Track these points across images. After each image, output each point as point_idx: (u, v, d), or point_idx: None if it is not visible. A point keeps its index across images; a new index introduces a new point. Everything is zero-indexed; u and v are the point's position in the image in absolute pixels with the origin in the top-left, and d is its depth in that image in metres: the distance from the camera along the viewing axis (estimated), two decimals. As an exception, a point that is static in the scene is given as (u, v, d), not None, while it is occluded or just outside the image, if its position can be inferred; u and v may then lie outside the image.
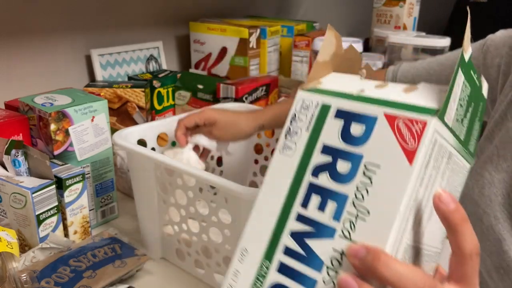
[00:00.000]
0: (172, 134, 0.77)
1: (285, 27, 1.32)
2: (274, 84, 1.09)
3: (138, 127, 0.75)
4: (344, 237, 0.27)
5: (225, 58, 1.22)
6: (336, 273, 0.27)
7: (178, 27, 1.31)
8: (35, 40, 0.97)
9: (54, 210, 0.66)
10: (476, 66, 0.59)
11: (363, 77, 0.33)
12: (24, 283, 0.56)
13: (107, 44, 1.10)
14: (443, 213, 0.26)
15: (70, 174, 0.67)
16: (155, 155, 0.62)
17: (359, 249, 0.26)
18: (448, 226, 0.27)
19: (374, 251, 0.25)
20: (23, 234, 0.66)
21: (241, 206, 0.54)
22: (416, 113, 0.27)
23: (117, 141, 0.66)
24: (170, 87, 1.08)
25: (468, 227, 0.27)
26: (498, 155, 0.53)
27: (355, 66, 0.39)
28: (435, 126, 0.27)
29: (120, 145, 0.66)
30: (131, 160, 0.69)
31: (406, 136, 0.27)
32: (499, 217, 0.51)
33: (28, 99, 0.75)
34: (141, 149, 0.64)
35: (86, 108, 0.74)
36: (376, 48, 1.56)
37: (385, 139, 0.28)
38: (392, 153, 0.27)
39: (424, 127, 0.27)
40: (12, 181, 0.64)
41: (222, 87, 0.99)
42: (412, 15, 1.61)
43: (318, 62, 0.34)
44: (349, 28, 2.23)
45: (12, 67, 0.94)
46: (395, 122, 0.28)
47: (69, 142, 0.73)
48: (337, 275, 0.27)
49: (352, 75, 0.34)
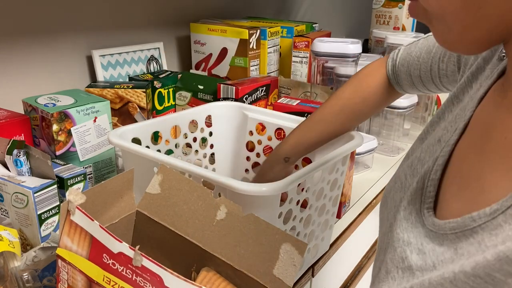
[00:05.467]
0: (166, 133, 0.78)
1: (285, 28, 1.33)
2: (274, 85, 1.10)
3: (133, 125, 0.74)
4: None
5: (225, 59, 1.22)
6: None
7: (178, 28, 1.31)
8: (36, 41, 0.97)
9: (56, 210, 0.66)
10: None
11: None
12: (25, 282, 0.57)
13: (108, 45, 1.11)
14: None
15: (71, 174, 0.67)
16: (150, 153, 0.62)
17: None
18: None
19: None
20: (25, 233, 0.66)
21: (236, 201, 0.55)
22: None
23: (112, 140, 0.66)
24: (171, 87, 1.08)
25: None
26: (419, 158, 0.48)
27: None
28: None
29: (114, 143, 0.66)
30: (126, 159, 0.69)
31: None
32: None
33: (31, 99, 0.75)
34: (136, 147, 0.64)
35: (89, 108, 0.74)
36: (375, 49, 1.57)
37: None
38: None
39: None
40: (14, 180, 0.64)
41: (222, 88, 0.99)
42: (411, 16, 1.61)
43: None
44: (348, 29, 2.24)
45: (13, 68, 0.95)
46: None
47: (71, 143, 0.73)
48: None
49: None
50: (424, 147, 0.49)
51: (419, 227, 0.41)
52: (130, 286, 0.37)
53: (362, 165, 1.07)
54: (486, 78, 0.43)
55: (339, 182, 0.72)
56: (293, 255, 0.41)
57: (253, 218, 0.43)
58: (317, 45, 1.09)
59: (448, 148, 0.42)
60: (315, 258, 0.77)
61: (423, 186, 0.43)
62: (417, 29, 1.65)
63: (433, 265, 0.37)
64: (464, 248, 0.34)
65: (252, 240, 0.43)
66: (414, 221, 0.42)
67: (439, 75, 0.61)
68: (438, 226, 0.38)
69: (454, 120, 0.45)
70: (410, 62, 0.66)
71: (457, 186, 0.40)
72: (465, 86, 0.47)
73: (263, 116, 0.85)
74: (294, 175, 0.56)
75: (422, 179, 0.44)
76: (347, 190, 0.86)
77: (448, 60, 0.58)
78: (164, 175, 0.47)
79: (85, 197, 0.40)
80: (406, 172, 0.49)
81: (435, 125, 0.50)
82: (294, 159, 0.75)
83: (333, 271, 0.93)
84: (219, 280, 0.43)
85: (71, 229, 0.39)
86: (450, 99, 0.49)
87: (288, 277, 0.41)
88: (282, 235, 0.42)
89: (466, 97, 0.46)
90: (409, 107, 1.15)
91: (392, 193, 0.50)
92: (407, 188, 0.46)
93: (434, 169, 0.43)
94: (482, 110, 0.41)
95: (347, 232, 0.93)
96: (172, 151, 0.81)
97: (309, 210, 0.66)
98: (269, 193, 0.53)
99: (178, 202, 0.46)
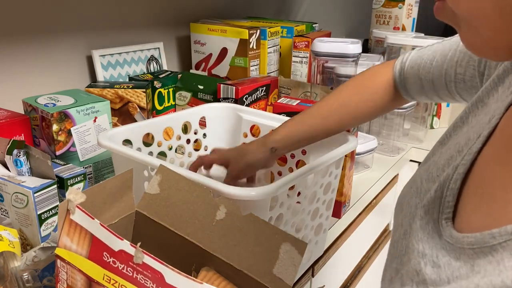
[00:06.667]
0: (158, 135, 0.78)
1: (285, 28, 1.33)
2: (274, 85, 1.10)
3: (124, 127, 0.73)
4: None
5: (225, 59, 1.22)
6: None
7: (178, 28, 1.31)
8: (36, 41, 0.97)
9: (56, 210, 0.66)
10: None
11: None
12: (25, 282, 0.57)
13: (108, 45, 1.11)
14: None
15: (71, 174, 0.67)
16: (138, 156, 0.61)
17: None
18: None
19: None
20: (25, 233, 0.66)
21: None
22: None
23: (101, 142, 0.65)
24: (171, 87, 1.09)
25: None
26: (436, 163, 0.47)
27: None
28: None
29: (104, 145, 0.65)
30: (116, 161, 0.68)
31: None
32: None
33: (31, 99, 0.75)
34: (124, 150, 0.63)
35: (89, 108, 0.74)
36: (375, 49, 1.57)
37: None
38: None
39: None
40: (14, 180, 0.64)
41: (222, 88, 0.99)
42: (411, 16, 1.62)
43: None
44: (348, 29, 2.24)
45: (13, 68, 0.95)
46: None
47: (71, 143, 0.73)
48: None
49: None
50: (443, 151, 0.46)
51: (435, 238, 0.39)
52: (130, 284, 0.37)
53: (362, 165, 1.07)
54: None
55: (333, 186, 0.71)
56: (293, 254, 0.41)
57: (252, 218, 0.43)
58: (317, 45, 1.09)
59: (470, 157, 0.40)
60: (309, 262, 0.76)
61: (442, 195, 0.41)
62: (416, 29, 1.65)
63: (447, 281, 0.35)
64: (481, 265, 0.32)
65: (252, 239, 0.43)
66: (431, 232, 0.40)
67: (455, 80, 0.58)
68: (456, 239, 0.36)
69: (477, 125, 0.43)
70: (421, 65, 0.63)
71: (478, 198, 0.38)
72: (491, 89, 0.45)
73: (257, 117, 0.85)
74: (285, 179, 0.55)
75: (441, 188, 0.42)
76: (347, 190, 0.86)
77: (467, 64, 0.56)
78: (163, 175, 0.47)
79: (85, 196, 0.40)
80: (422, 176, 0.47)
81: (457, 130, 0.47)
82: (281, 152, 0.72)
83: (333, 271, 0.93)
84: (219, 279, 0.43)
85: (70, 229, 0.39)
86: (475, 103, 0.46)
87: (288, 277, 0.41)
88: (281, 234, 0.42)
89: (491, 101, 0.44)
90: (409, 107, 1.15)
91: (407, 198, 0.48)
92: (423, 194, 0.45)
93: (454, 178, 0.40)
94: (509, 118, 0.39)
95: (347, 232, 0.93)
96: (165, 153, 0.81)
97: (302, 214, 0.65)
98: (258, 198, 0.52)
99: (178, 202, 0.46)
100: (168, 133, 0.80)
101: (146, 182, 0.65)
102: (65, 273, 0.40)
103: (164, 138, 0.79)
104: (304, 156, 0.80)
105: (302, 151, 0.80)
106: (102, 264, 0.38)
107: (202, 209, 0.45)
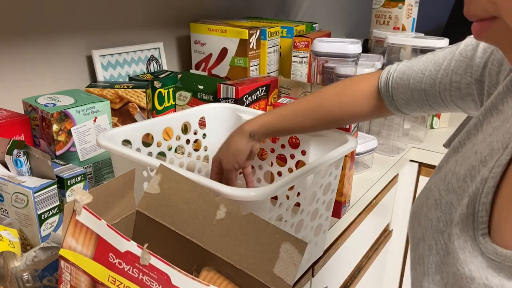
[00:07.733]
0: (158, 135, 0.78)
1: (285, 28, 1.33)
2: (274, 85, 1.10)
3: (124, 127, 0.73)
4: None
5: (225, 59, 1.22)
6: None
7: (178, 28, 1.31)
8: (36, 41, 0.97)
9: (56, 210, 0.66)
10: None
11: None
12: (25, 282, 0.57)
13: (108, 45, 1.11)
14: None
15: (71, 174, 0.67)
16: (137, 156, 0.61)
17: None
18: None
19: None
20: (25, 233, 0.66)
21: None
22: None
23: (100, 142, 0.65)
24: (171, 87, 1.08)
25: None
26: (454, 172, 0.45)
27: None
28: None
29: (103, 145, 0.65)
30: (115, 161, 0.68)
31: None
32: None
33: (31, 99, 0.75)
34: (123, 150, 0.63)
35: (89, 108, 0.74)
36: (375, 49, 1.57)
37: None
38: None
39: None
40: (14, 180, 0.64)
41: (222, 88, 0.99)
42: (411, 16, 1.62)
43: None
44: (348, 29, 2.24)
45: (13, 68, 0.95)
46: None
47: (71, 143, 0.73)
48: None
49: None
50: (459, 159, 0.45)
51: (478, 257, 0.37)
52: (136, 285, 0.37)
53: (362, 165, 1.07)
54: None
55: (333, 186, 0.71)
56: (293, 254, 0.41)
57: (253, 218, 0.43)
58: (317, 45, 1.09)
59: (499, 169, 0.39)
60: (308, 263, 0.76)
61: (474, 211, 0.39)
62: (416, 29, 1.65)
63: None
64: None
65: (252, 239, 0.43)
66: (472, 250, 0.38)
67: (450, 88, 0.58)
68: (504, 257, 0.34)
69: (494, 133, 0.42)
70: (411, 76, 0.62)
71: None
72: (504, 95, 0.44)
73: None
74: (285, 179, 0.55)
75: (472, 203, 0.40)
76: (347, 190, 0.86)
77: (464, 72, 0.55)
78: (163, 175, 0.47)
79: (92, 196, 0.40)
80: (439, 186, 0.46)
81: (472, 137, 0.46)
82: (259, 137, 0.75)
83: (333, 271, 0.93)
84: (220, 279, 0.43)
85: (76, 229, 0.39)
86: (489, 110, 0.45)
87: (289, 276, 0.41)
88: (282, 234, 0.42)
89: (507, 107, 0.43)
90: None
91: (425, 209, 0.46)
92: (446, 207, 0.43)
93: (485, 192, 0.39)
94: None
95: (347, 232, 0.93)
96: (164, 153, 0.81)
97: (301, 215, 0.65)
98: (258, 198, 0.52)
99: (178, 201, 0.46)
100: (168, 133, 0.80)
101: (145, 183, 0.65)
102: (68, 274, 0.40)
103: (163, 138, 0.79)
104: (304, 156, 0.80)
105: (302, 151, 0.80)
106: (108, 265, 0.38)
107: (203, 209, 0.45)
